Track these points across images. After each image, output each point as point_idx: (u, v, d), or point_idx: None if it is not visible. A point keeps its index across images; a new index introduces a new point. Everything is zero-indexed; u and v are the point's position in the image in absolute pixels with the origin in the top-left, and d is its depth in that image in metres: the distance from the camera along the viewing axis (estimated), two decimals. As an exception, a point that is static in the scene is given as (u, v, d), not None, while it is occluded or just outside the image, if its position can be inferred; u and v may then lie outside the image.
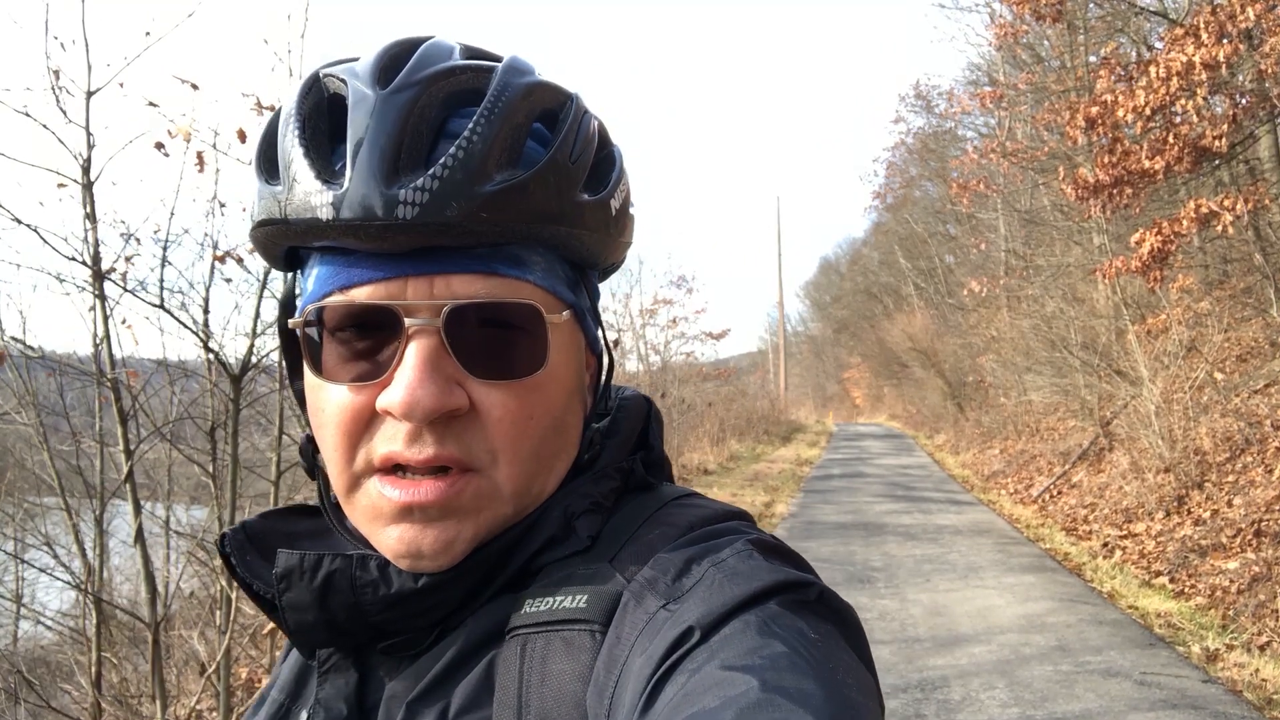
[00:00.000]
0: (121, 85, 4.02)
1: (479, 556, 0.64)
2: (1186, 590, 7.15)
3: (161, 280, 4.14)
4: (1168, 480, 9.35)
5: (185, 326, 4.11)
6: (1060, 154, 14.21)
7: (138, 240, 4.22)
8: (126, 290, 4.15)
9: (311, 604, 0.65)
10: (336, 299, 0.63)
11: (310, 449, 0.72)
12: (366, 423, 0.63)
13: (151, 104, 4.15)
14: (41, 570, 5.97)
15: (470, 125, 0.61)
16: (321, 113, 0.65)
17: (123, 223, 4.16)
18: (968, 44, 32.82)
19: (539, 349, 0.64)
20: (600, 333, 0.75)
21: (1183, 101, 8.60)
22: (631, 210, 0.74)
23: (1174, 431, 9.80)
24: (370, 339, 0.62)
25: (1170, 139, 8.92)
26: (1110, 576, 7.78)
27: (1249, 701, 4.83)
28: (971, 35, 29.45)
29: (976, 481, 15.39)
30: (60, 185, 3.81)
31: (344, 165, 0.61)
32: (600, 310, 0.76)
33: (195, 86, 3.90)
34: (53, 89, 3.91)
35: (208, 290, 4.29)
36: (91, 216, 4.00)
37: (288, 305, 0.71)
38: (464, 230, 0.60)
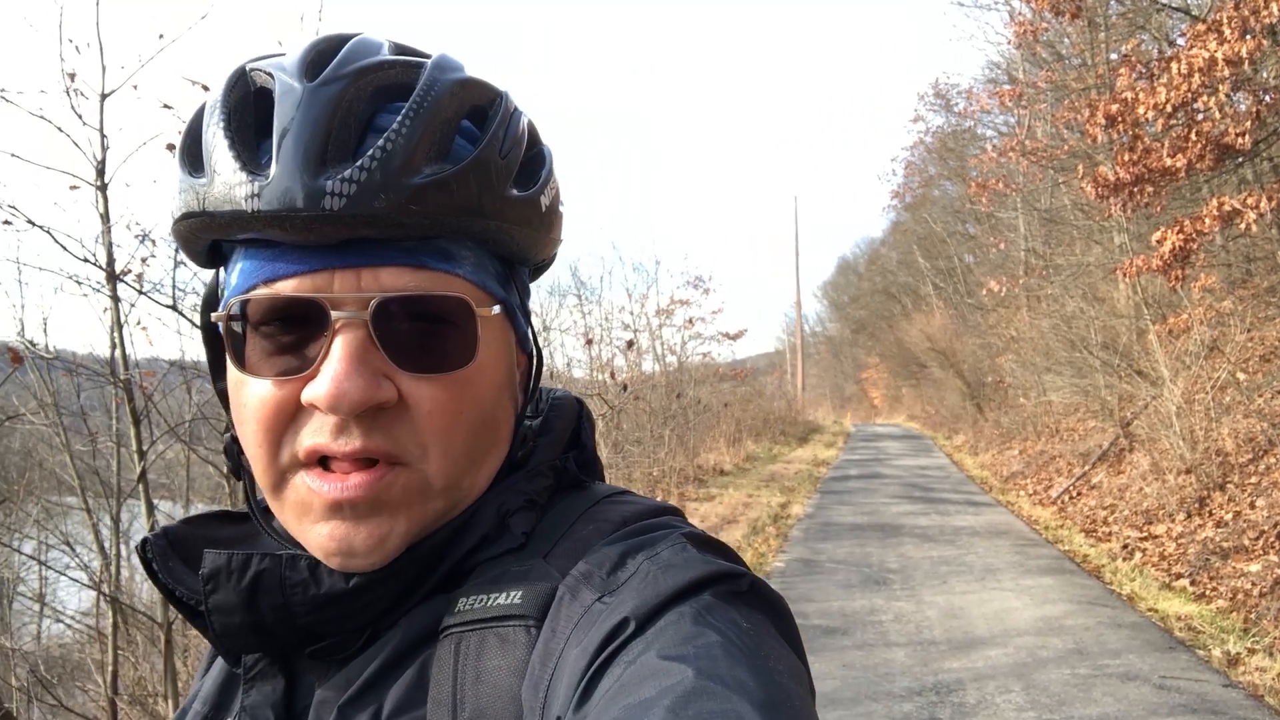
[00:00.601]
0: (135, 87, 4.04)
1: (412, 555, 0.64)
2: (1208, 593, 7.05)
3: (175, 281, 4.17)
4: (1189, 481, 9.24)
5: (196, 326, 4.13)
6: (1080, 152, 14.09)
7: (152, 242, 4.25)
8: (141, 292, 4.18)
9: (239, 606, 0.63)
10: (261, 292, 0.62)
11: (235, 449, 0.71)
12: (291, 417, 0.62)
13: (166, 106, 4.18)
14: (60, 573, 6.01)
15: (399, 119, 0.61)
16: (248, 106, 0.64)
17: (137, 224, 4.18)
18: (986, 42, 32.58)
19: (468, 343, 0.64)
20: (530, 330, 0.75)
21: (1205, 98, 8.51)
22: (561, 209, 0.74)
23: (1195, 432, 9.69)
24: (296, 333, 0.62)
25: (1192, 136, 8.82)
26: (1130, 579, 7.70)
27: (1270, 707, 4.75)
28: (990, 33, 29.30)
29: (995, 483, 15.28)
30: (73, 187, 3.84)
31: (270, 158, 0.60)
32: (530, 308, 0.77)
33: (206, 88, 3.91)
34: (67, 91, 3.95)
35: (221, 291, 4.31)
36: (105, 218, 4.03)
37: (210, 302, 0.70)
38: (392, 222, 0.59)
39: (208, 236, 0.65)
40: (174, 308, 4.01)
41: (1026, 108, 16.96)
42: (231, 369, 0.65)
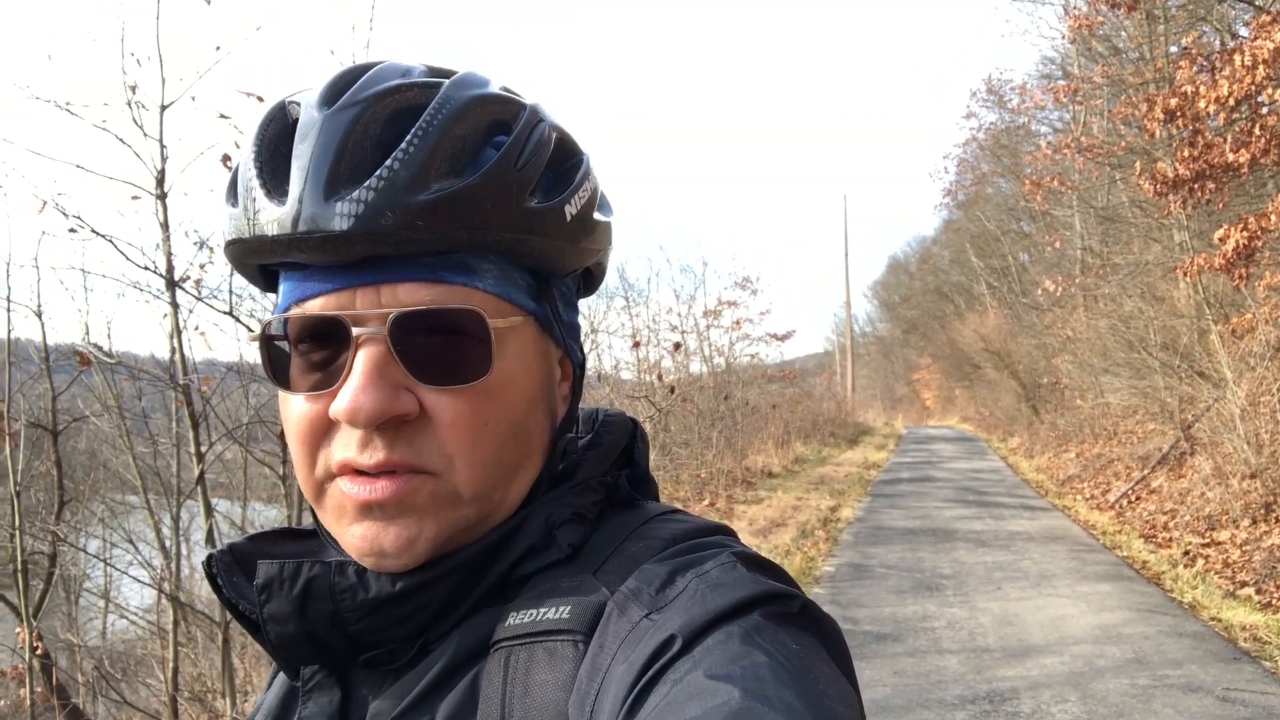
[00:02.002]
0: (193, 99, 4.15)
1: (455, 561, 0.65)
2: (1274, 602, 6.84)
3: (232, 287, 4.26)
4: (1254, 486, 8.97)
5: (251, 331, 4.22)
6: (1138, 148, 13.75)
7: (209, 249, 4.35)
8: (198, 298, 4.28)
9: (291, 614, 0.65)
10: (294, 311, 0.65)
11: None
12: (325, 431, 0.64)
13: (223, 116, 4.27)
14: (122, 571, 6.18)
15: (407, 138, 0.62)
16: (284, 138, 0.66)
17: (195, 232, 4.29)
18: (1040, 37, 31.94)
19: (485, 355, 0.64)
20: (571, 342, 0.75)
21: (1270, 91, 8.25)
22: (601, 216, 0.74)
23: (1261, 436, 9.40)
24: (325, 349, 0.64)
25: (1256, 130, 8.56)
26: (1191, 586, 7.49)
27: (1341, 721, 4.60)
28: (1044, 28, 28.72)
29: (1051, 486, 14.98)
30: (135, 197, 3.94)
31: (290, 185, 0.63)
32: (574, 321, 0.77)
33: (262, 99, 4.00)
34: (129, 104, 4.06)
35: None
36: (165, 226, 4.13)
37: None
38: (402, 239, 0.61)
39: (248, 260, 0.68)
40: (230, 313, 4.10)
41: (1082, 103, 16.62)
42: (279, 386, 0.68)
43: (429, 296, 0.63)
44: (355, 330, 0.62)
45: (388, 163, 0.61)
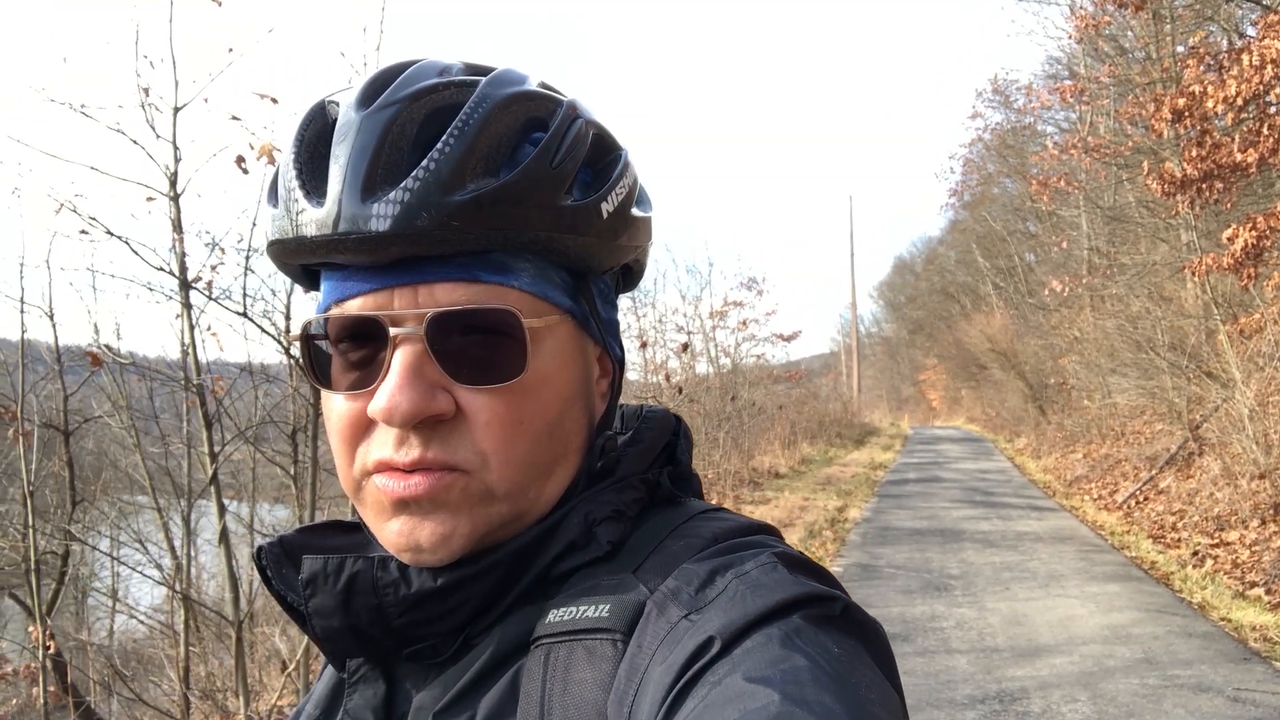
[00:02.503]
0: (206, 100, 4.17)
1: (495, 557, 0.65)
2: (1284, 602, 6.83)
3: (245, 288, 4.28)
4: (1263, 487, 8.95)
5: (267, 333, 4.24)
6: (1145, 148, 13.73)
7: (222, 250, 4.37)
8: (211, 299, 4.30)
9: (336, 608, 0.66)
10: (334, 311, 0.66)
11: None
12: (364, 429, 0.65)
13: (234, 118, 4.29)
14: (133, 569, 6.21)
15: (444, 137, 0.62)
16: (324, 138, 0.67)
17: (207, 233, 4.31)
18: (1046, 37, 31.86)
19: (520, 354, 0.64)
20: (610, 340, 0.75)
21: (1278, 90, 8.23)
22: (639, 212, 0.74)
23: (1270, 436, 9.38)
24: (364, 349, 0.65)
25: (1265, 130, 8.54)
26: (1201, 587, 7.48)
27: (1353, 721, 4.59)
28: (1050, 28, 28.65)
29: (1058, 487, 14.96)
30: (150, 199, 3.96)
31: (329, 185, 0.63)
32: (612, 318, 0.76)
33: (275, 100, 4.02)
34: (142, 106, 4.08)
35: (289, 297, 4.42)
36: (178, 227, 4.16)
37: None
38: (437, 239, 0.61)
39: (288, 260, 0.68)
40: (244, 314, 4.12)
41: (1089, 103, 16.59)
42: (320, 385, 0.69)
43: (465, 296, 0.63)
44: (393, 330, 0.63)
45: (424, 163, 0.61)
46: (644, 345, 13.43)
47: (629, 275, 0.79)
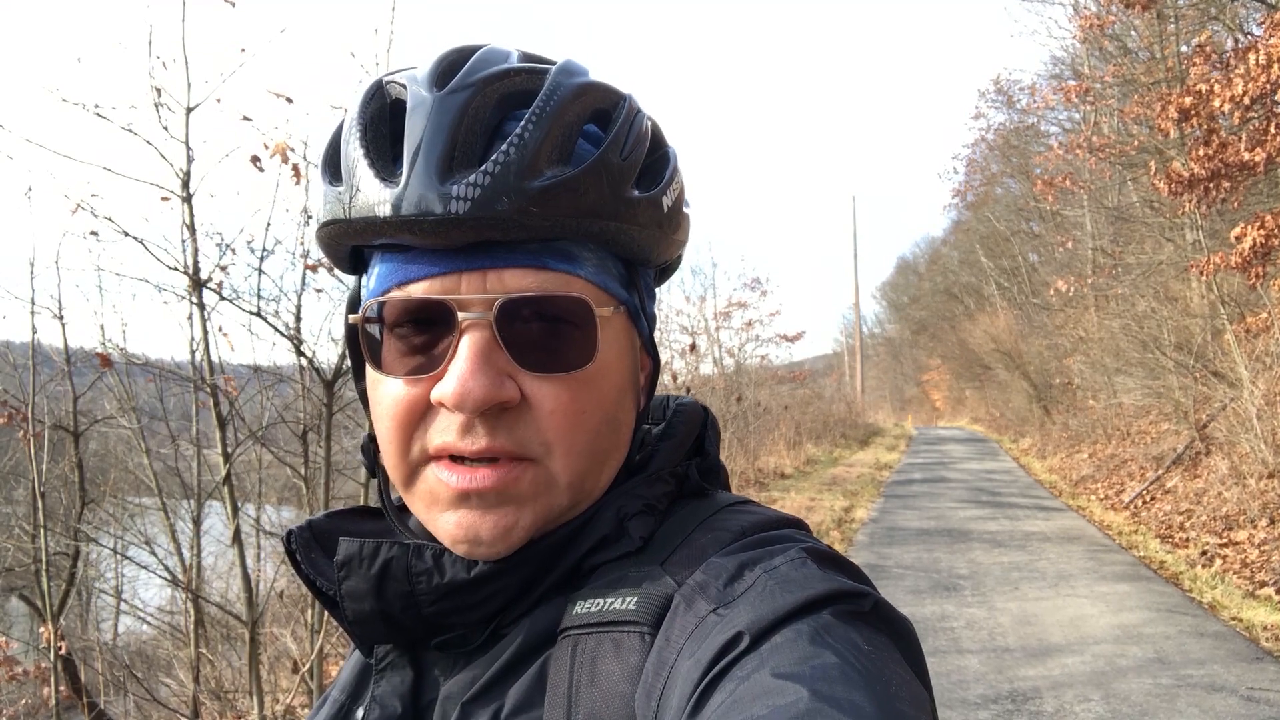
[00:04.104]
0: (219, 101, 4.16)
1: (532, 550, 0.65)
2: (1295, 602, 6.81)
3: (258, 289, 4.28)
4: (1272, 486, 8.93)
5: (279, 333, 4.24)
6: (1150, 148, 13.71)
7: (233, 250, 4.37)
8: (223, 298, 4.30)
9: (368, 592, 0.66)
10: (395, 295, 0.65)
11: (371, 448, 0.74)
12: (422, 415, 0.64)
13: (246, 118, 4.29)
14: (142, 567, 6.20)
15: (521, 124, 0.62)
16: (384, 118, 0.67)
17: (219, 234, 4.31)
18: (1050, 37, 31.80)
19: (588, 343, 0.65)
20: (651, 333, 0.75)
21: (1285, 89, 8.22)
22: (686, 209, 0.75)
23: (1278, 435, 9.36)
24: (426, 333, 0.64)
25: (1272, 128, 8.53)
26: (1210, 586, 7.46)
27: (1367, 720, 4.58)
28: (1054, 28, 28.60)
29: (1064, 487, 14.93)
30: (164, 199, 3.96)
31: (403, 166, 0.62)
32: (654, 312, 0.77)
33: (290, 100, 4.02)
34: (155, 106, 4.08)
35: (300, 298, 4.42)
36: (190, 228, 4.15)
37: (354, 306, 0.73)
38: (515, 224, 0.61)
39: (348, 242, 0.67)
40: (258, 313, 4.12)
41: (1093, 103, 16.56)
42: (369, 369, 0.67)
43: (535, 283, 0.63)
44: (461, 315, 0.62)
45: (503, 148, 0.61)
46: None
47: (661, 272, 0.79)
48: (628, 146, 0.66)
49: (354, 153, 0.65)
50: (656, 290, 0.80)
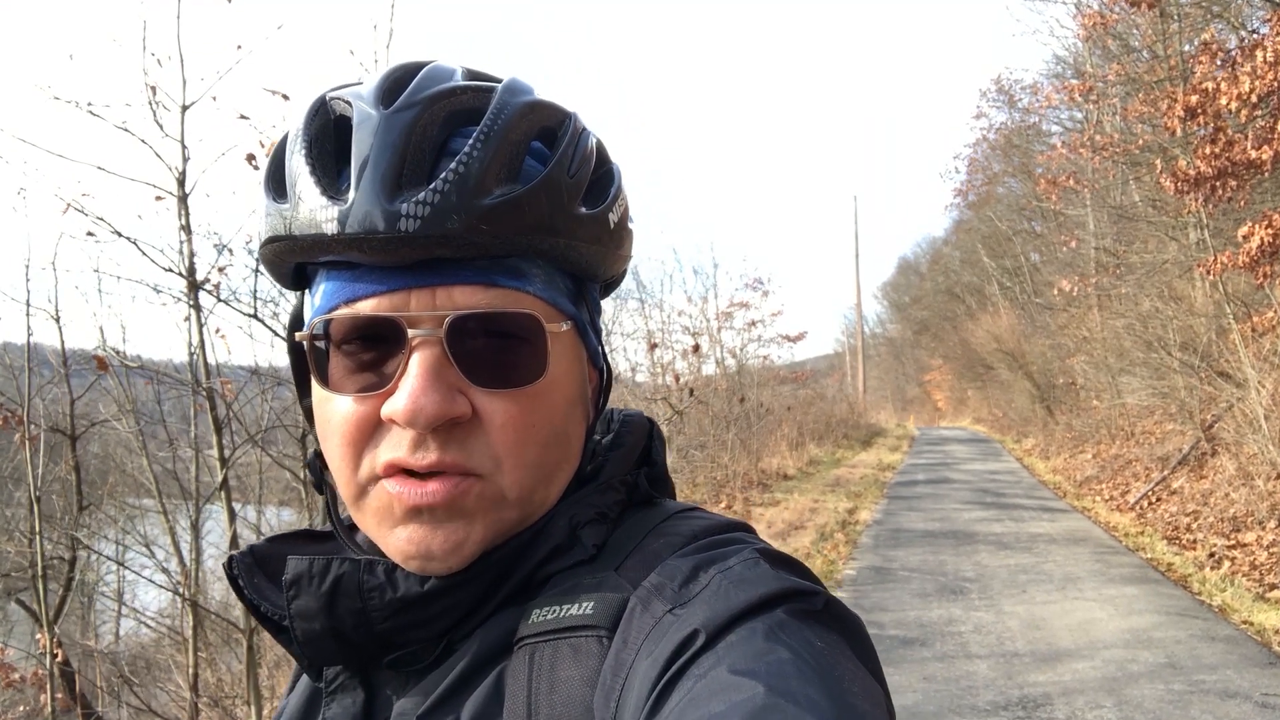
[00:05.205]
0: (214, 99, 4.10)
1: (485, 563, 0.66)
2: (1306, 605, 6.73)
3: (255, 290, 4.21)
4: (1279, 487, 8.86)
5: (277, 335, 4.17)
6: (1154, 146, 13.64)
7: (230, 251, 4.30)
8: (220, 300, 4.23)
9: (319, 610, 0.66)
10: (342, 312, 0.65)
11: (319, 464, 0.74)
12: (371, 432, 0.64)
13: (243, 116, 4.23)
14: (137, 574, 6.15)
15: (470, 142, 0.63)
16: (328, 134, 0.67)
17: (215, 234, 4.24)
18: (1051, 36, 31.73)
19: (539, 358, 0.66)
20: (600, 347, 0.77)
21: (1294, 86, 8.15)
22: (631, 225, 0.76)
23: (1286, 436, 9.28)
24: (375, 350, 0.64)
25: (1279, 127, 8.46)
26: (1220, 589, 7.38)
27: (1385, 727, 4.50)
28: (1056, 27, 28.51)
29: (1069, 487, 14.86)
30: (158, 198, 3.90)
31: (349, 183, 0.62)
32: (601, 325, 0.78)
33: (286, 97, 3.95)
34: (149, 104, 4.01)
35: (301, 298, 4.34)
36: (186, 228, 4.09)
37: (296, 323, 0.73)
38: (464, 242, 0.62)
39: (292, 259, 0.67)
40: (255, 315, 4.05)
41: (1096, 102, 16.49)
42: (316, 386, 0.67)
43: (485, 300, 0.64)
44: (411, 332, 0.62)
45: (452, 165, 0.62)
46: (654, 346, 13.37)
47: (607, 285, 0.80)
48: (575, 164, 0.68)
49: (300, 169, 0.65)
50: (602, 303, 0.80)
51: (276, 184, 0.67)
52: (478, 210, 0.61)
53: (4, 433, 5.57)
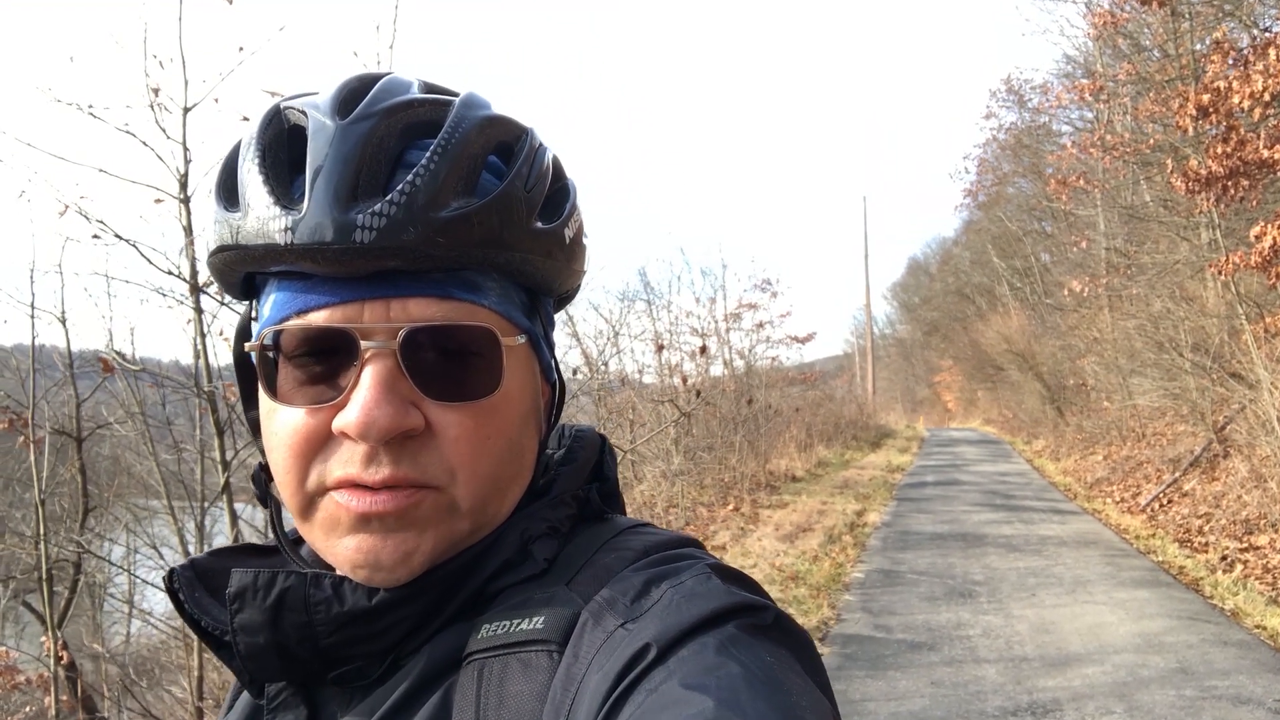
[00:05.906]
0: (216, 100, 4.08)
1: (435, 576, 0.65)
2: (1320, 609, 6.65)
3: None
4: (1294, 490, 8.77)
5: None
6: (1165, 146, 13.55)
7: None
8: (223, 304, 4.21)
9: (263, 625, 0.64)
10: (294, 323, 0.64)
11: (263, 477, 0.73)
12: (321, 445, 0.63)
13: (245, 119, 4.21)
14: (143, 581, 6.15)
15: (427, 155, 0.62)
16: (282, 143, 0.66)
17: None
18: (1062, 35, 31.62)
19: (494, 371, 0.65)
20: (554, 361, 0.77)
21: (1307, 86, 8.07)
22: (585, 240, 0.76)
23: (1300, 438, 9.19)
24: (327, 362, 0.63)
25: (1293, 126, 8.39)
26: (1232, 593, 7.31)
27: (1401, 734, 4.43)
28: (1066, 26, 28.38)
29: (1079, 489, 14.76)
30: (158, 200, 3.88)
31: (302, 192, 0.62)
32: (553, 340, 0.79)
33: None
34: (151, 106, 4.00)
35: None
36: (189, 231, 4.07)
37: (243, 333, 0.72)
38: (420, 254, 0.61)
39: (242, 269, 0.67)
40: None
41: (1107, 101, 16.39)
42: (264, 398, 0.66)
43: (439, 312, 0.63)
44: (364, 344, 0.62)
45: (409, 178, 0.61)
46: (661, 348, 13.33)
47: (561, 299, 0.80)
48: (531, 179, 0.68)
49: (252, 177, 0.64)
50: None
51: (227, 192, 0.66)
52: (434, 223, 0.61)
53: (12, 435, 5.58)
